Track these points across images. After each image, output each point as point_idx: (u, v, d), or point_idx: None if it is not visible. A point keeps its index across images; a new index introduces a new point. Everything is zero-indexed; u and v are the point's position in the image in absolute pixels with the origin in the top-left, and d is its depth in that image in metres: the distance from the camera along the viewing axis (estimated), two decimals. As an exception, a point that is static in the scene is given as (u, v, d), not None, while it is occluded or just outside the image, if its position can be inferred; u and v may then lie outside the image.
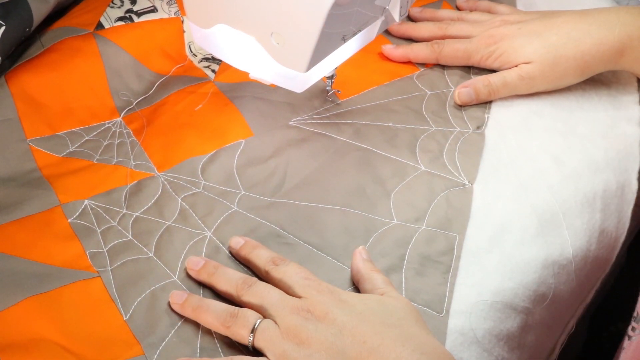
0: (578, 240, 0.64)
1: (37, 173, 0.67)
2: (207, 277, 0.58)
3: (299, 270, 0.56)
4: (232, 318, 0.54)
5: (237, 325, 0.53)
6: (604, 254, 0.67)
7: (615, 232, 0.68)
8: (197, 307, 0.55)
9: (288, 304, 0.53)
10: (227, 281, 0.57)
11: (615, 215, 0.68)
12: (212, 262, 0.59)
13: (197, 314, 0.55)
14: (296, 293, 0.54)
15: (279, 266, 0.57)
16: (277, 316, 0.53)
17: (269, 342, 0.52)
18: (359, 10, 0.62)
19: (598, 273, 0.67)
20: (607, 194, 0.67)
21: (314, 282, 0.55)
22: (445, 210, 0.64)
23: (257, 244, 0.60)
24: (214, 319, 0.54)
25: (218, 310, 0.55)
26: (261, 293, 0.54)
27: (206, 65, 0.78)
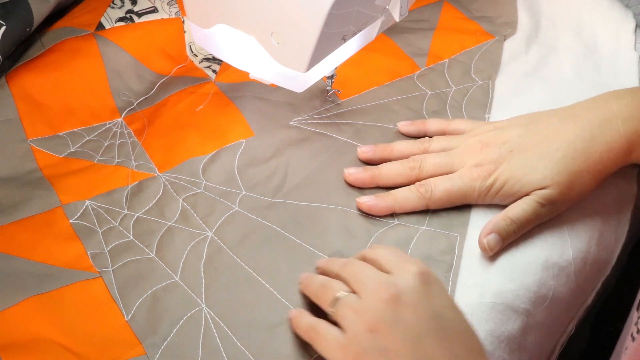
0: (578, 242, 0.64)
1: (38, 173, 0.68)
2: (329, 270, 0.57)
3: (390, 251, 0.56)
4: (322, 288, 0.54)
5: (323, 296, 0.54)
6: (604, 256, 0.67)
7: (615, 235, 0.68)
8: (306, 284, 0.57)
9: (374, 280, 0.52)
10: (328, 263, 0.58)
11: (615, 217, 0.68)
12: (337, 260, 0.58)
13: (303, 287, 0.57)
14: (387, 270, 0.53)
15: (372, 249, 0.56)
16: (361, 292, 0.52)
17: (345, 318, 0.51)
18: (359, 10, 0.61)
19: (598, 275, 0.67)
20: (607, 196, 0.67)
21: (403, 258, 0.54)
22: (447, 210, 0.64)
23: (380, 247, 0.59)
24: (312, 291, 0.56)
25: (316, 284, 0.56)
26: (353, 270, 0.54)
27: (207, 65, 0.78)
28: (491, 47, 0.81)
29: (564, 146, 0.62)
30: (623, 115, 0.63)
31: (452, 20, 0.85)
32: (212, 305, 0.58)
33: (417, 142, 0.68)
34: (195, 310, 0.57)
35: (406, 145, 0.68)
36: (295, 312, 0.56)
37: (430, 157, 0.65)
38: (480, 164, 0.63)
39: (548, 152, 0.62)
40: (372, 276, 0.53)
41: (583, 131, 0.63)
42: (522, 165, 0.62)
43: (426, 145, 0.67)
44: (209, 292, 0.58)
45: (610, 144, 0.63)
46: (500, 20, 0.84)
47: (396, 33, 0.82)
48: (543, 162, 0.62)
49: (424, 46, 0.81)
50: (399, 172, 0.65)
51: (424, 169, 0.65)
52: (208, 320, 0.57)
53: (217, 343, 0.55)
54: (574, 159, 0.62)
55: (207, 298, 0.58)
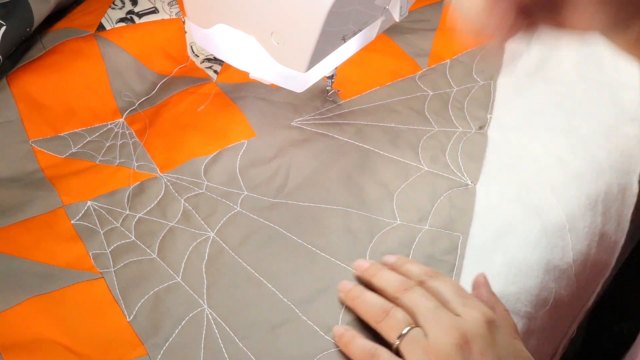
0: (579, 243, 0.64)
1: (39, 174, 0.68)
2: (369, 278, 0.58)
3: (455, 286, 0.55)
4: (383, 314, 0.53)
5: (386, 324, 0.53)
6: (604, 258, 0.67)
7: (615, 236, 0.68)
8: (356, 297, 0.56)
9: (443, 320, 0.52)
10: (385, 281, 0.56)
11: (616, 218, 0.68)
12: (376, 265, 0.59)
13: (355, 304, 0.56)
14: (453, 310, 0.53)
15: (432, 278, 0.56)
16: (428, 330, 0.51)
17: (413, 355, 0.51)
18: (359, 10, 0.61)
19: (598, 277, 0.67)
20: (609, 197, 0.67)
21: (471, 300, 0.54)
22: (449, 210, 0.64)
23: (407, 259, 0.59)
24: (367, 311, 0.55)
25: (373, 304, 0.55)
26: (417, 300, 0.53)
27: (208, 65, 0.78)
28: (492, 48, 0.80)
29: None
30: None
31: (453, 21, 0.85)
32: (214, 305, 0.58)
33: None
34: (197, 310, 0.57)
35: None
36: (344, 331, 0.55)
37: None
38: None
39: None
40: (442, 316, 0.52)
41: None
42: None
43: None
44: (210, 292, 0.58)
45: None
46: (501, 20, 0.84)
47: (397, 33, 0.82)
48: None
49: (425, 46, 0.81)
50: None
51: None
52: (210, 321, 0.57)
53: (219, 343, 0.55)
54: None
55: (209, 298, 0.58)
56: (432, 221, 0.63)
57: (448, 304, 0.53)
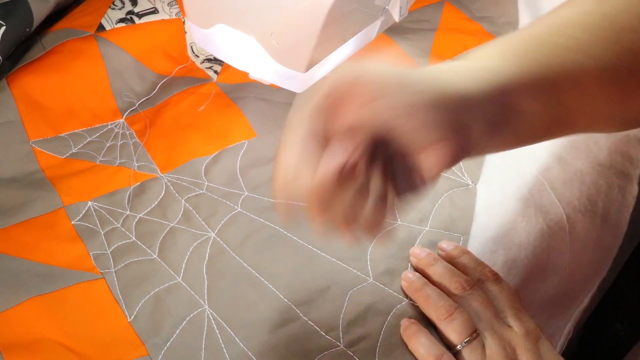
0: (577, 244, 0.64)
1: (40, 174, 0.68)
2: (424, 268, 0.59)
3: (511, 296, 0.57)
4: (448, 315, 0.54)
5: (450, 326, 0.54)
6: (600, 259, 0.67)
7: (613, 238, 0.67)
8: (419, 290, 0.57)
9: (499, 331, 0.54)
10: (442, 276, 0.57)
11: (614, 220, 0.68)
12: (432, 255, 0.59)
13: (416, 297, 0.57)
14: (505, 319, 0.55)
15: (491, 280, 0.57)
16: (486, 339, 0.54)
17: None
18: (359, 10, 0.61)
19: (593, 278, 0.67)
20: (609, 198, 0.67)
21: (522, 313, 0.56)
22: (449, 210, 0.64)
23: (464, 249, 0.60)
24: (430, 307, 0.56)
25: (436, 301, 0.55)
26: (477, 305, 0.55)
27: (208, 66, 0.78)
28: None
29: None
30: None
31: (453, 21, 0.85)
32: (214, 306, 0.58)
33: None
34: (198, 311, 0.57)
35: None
36: (409, 324, 0.56)
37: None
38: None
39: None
40: (498, 328, 0.54)
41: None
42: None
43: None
44: (211, 293, 0.58)
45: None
46: (501, 21, 0.84)
47: (397, 33, 0.82)
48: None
49: (425, 47, 0.81)
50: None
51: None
52: (211, 321, 0.57)
53: (220, 344, 0.55)
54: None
55: (209, 299, 0.58)
56: (433, 222, 0.63)
57: (502, 312, 0.56)
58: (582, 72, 0.53)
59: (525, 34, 0.54)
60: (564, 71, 0.52)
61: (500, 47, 0.52)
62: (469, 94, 0.46)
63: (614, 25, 0.56)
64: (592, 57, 0.54)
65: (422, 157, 0.46)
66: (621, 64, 0.55)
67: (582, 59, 0.54)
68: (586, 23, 0.56)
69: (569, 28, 0.55)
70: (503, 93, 0.48)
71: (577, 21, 0.56)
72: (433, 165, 0.46)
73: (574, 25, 0.55)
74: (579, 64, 0.53)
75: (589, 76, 0.54)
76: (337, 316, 0.57)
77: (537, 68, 0.51)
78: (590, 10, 0.56)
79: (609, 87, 0.56)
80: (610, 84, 0.56)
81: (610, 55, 0.54)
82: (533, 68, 0.51)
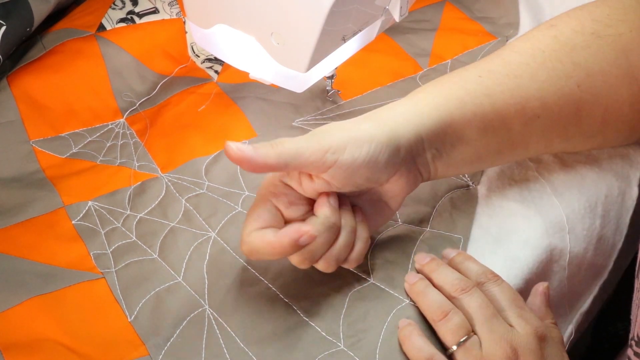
0: (577, 245, 0.64)
1: (40, 174, 0.68)
2: (429, 273, 0.58)
3: (512, 295, 0.56)
4: (442, 316, 0.54)
5: (445, 326, 0.54)
6: (600, 261, 0.67)
7: (613, 239, 0.67)
8: (420, 292, 0.57)
9: (498, 330, 0.53)
10: (444, 279, 0.56)
11: (614, 222, 0.67)
12: (437, 260, 0.59)
13: (417, 299, 0.57)
14: (507, 319, 0.54)
15: (492, 282, 0.57)
16: (483, 339, 0.53)
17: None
18: (359, 10, 0.61)
19: (593, 280, 0.67)
20: (609, 200, 0.67)
21: (526, 312, 0.55)
22: (450, 211, 0.64)
23: (467, 256, 0.60)
24: (428, 308, 0.55)
25: (433, 302, 0.55)
26: (475, 305, 0.54)
27: (209, 66, 0.78)
28: (493, 48, 0.80)
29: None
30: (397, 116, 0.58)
31: (454, 21, 0.85)
32: (215, 306, 0.58)
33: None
34: (199, 311, 0.57)
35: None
36: (406, 325, 0.55)
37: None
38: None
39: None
40: (497, 326, 0.53)
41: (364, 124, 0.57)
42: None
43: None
44: (212, 292, 0.58)
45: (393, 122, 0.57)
46: (502, 21, 0.84)
47: (398, 33, 0.82)
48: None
49: (426, 47, 0.81)
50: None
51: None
52: (211, 321, 0.57)
53: (220, 344, 0.55)
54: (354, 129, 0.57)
55: (210, 299, 0.58)
56: (434, 223, 0.63)
57: (503, 312, 0.55)
58: (528, 101, 0.58)
59: (479, 70, 0.60)
60: (512, 102, 0.58)
61: (451, 83, 0.59)
62: (416, 132, 0.55)
63: (564, 46, 0.60)
64: (526, 78, 0.58)
65: (385, 189, 0.57)
66: (567, 80, 0.59)
67: (514, 82, 0.58)
68: (527, 47, 0.60)
69: (504, 56, 0.60)
70: (448, 125, 0.57)
71: (518, 48, 0.61)
72: (396, 194, 0.57)
73: (511, 52, 0.60)
74: (526, 93, 0.58)
75: (527, 98, 0.58)
76: (337, 316, 0.57)
77: (484, 100, 0.57)
78: (536, 35, 0.61)
79: (553, 105, 0.59)
80: (553, 102, 0.59)
81: (550, 74, 0.59)
82: (479, 101, 0.57)
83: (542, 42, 0.60)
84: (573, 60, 0.59)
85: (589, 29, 0.60)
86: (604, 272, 0.69)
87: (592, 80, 0.60)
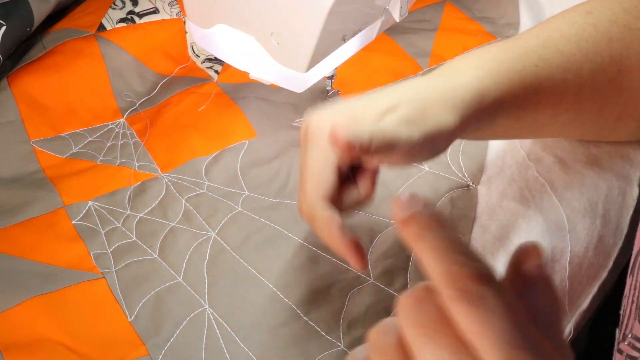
0: (577, 245, 0.64)
1: (40, 174, 0.68)
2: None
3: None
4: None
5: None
6: (600, 261, 0.67)
7: (613, 239, 0.67)
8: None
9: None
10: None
11: (615, 221, 0.67)
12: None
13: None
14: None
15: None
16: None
17: None
18: (359, 10, 0.61)
19: (593, 280, 0.67)
20: (609, 199, 0.67)
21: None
22: (450, 211, 0.64)
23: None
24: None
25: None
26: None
27: (209, 65, 0.78)
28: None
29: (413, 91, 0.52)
30: (459, 68, 0.54)
31: (454, 21, 0.85)
32: (215, 305, 0.58)
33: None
34: (199, 310, 0.57)
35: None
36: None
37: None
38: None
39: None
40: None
41: (428, 81, 0.53)
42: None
43: None
44: (212, 292, 0.58)
45: (459, 85, 0.52)
46: (502, 21, 0.84)
47: (398, 33, 0.82)
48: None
49: (426, 47, 0.81)
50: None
51: None
52: (211, 321, 0.57)
53: (220, 344, 0.55)
54: (426, 90, 0.52)
55: (210, 299, 0.58)
56: None
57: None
58: (559, 89, 0.55)
59: (512, 46, 0.55)
60: (542, 89, 0.54)
61: (485, 58, 0.54)
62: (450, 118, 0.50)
63: (600, 36, 0.57)
64: (573, 72, 0.56)
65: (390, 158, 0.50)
66: (603, 75, 0.57)
67: (562, 76, 0.55)
68: (572, 34, 0.57)
69: (555, 41, 0.57)
70: (480, 110, 0.51)
71: (565, 33, 0.57)
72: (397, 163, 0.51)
73: (560, 37, 0.57)
74: (558, 80, 0.55)
75: (567, 92, 0.56)
76: (337, 316, 0.57)
77: (517, 84, 0.53)
78: (578, 21, 0.58)
79: (585, 101, 0.58)
80: (586, 98, 0.57)
81: (591, 68, 0.56)
82: (513, 84, 0.53)
83: (586, 31, 0.57)
84: (610, 54, 0.57)
85: (622, 20, 0.58)
86: (603, 272, 0.69)
87: (622, 76, 0.58)
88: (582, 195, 0.66)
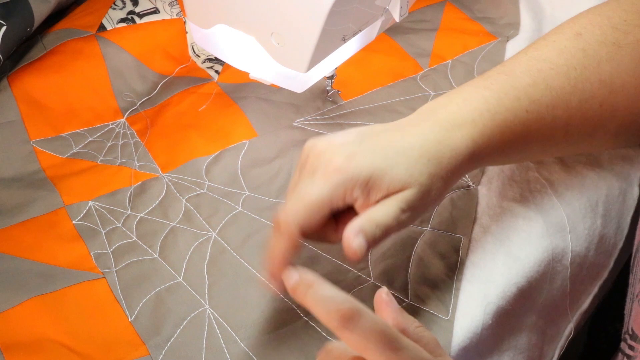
0: (578, 245, 0.64)
1: (41, 174, 0.68)
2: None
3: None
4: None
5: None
6: (601, 261, 0.67)
7: (614, 239, 0.67)
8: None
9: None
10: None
11: (615, 221, 0.67)
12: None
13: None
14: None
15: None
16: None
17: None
18: (359, 10, 0.61)
19: (594, 279, 0.67)
20: (609, 199, 0.67)
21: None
22: (450, 211, 0.64)
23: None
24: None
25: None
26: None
27: (209, 66, 0.78)
28: (494, 49, 0.80)
29: (417, 146, 0.52)
30: (457, 121, 0.54)
31: (454, 21, 0.85)
32: (215, 305, 0.58)
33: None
34: (199, 310, 0.57)
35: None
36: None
37: None
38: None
39: (404, 148, 0.52)
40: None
41: (431, 133, 0.53)
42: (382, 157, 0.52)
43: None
44: (212, 292, 0.58)
45: (456, 149, 0.53)
46: (502, 22, 0.84)
47: (398, 33, 0.82)
48: (402, 158, 0.52)
49: (426, 47, 0.81)
50: None
51: None
52: (212, 321, 0.57)
53: (221, 344, 0.55)
54: (430, 161, 0.52)
55: (210, 298, 0.58)
56: (434, 222, 0.63)
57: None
58: (549, 126, 0.57)
59: (504, 88, 0.56)
60: (532, 132, 0.56)
61: (480, 110, 0.55)
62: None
63: (592, 61, 0.58)
64: (562, 107, 0.57)
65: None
66: (592, 101, 0.58)
67: (552, 113, 0.56)
68: (561, 65, 0.58)
69: (544, 75, 0.57)
70: (468, 169, 0.55)
71: (554, 64, 0.58)
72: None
73: (549, 69, 0.57)
74: (548, 120, 0.56)
75: (556, 127, 0.57)
76: (337, 316, 0.57)
77: (508, 137, 0.55)
78: (567, 47, 0.58)
79: (574, 131, 0.58)
80: (574, 128, 0.58)
81: (580, 97, 0.57)
82: (504, 137, 0.55)
83: (575, 58, 0.57)
84: (599, 78, 0.57)
85: (610, 39, 0.58)
86: (605, 271, 0.69)
87: (614, 97, 0.58)
88: (582, 196, 0.66)
